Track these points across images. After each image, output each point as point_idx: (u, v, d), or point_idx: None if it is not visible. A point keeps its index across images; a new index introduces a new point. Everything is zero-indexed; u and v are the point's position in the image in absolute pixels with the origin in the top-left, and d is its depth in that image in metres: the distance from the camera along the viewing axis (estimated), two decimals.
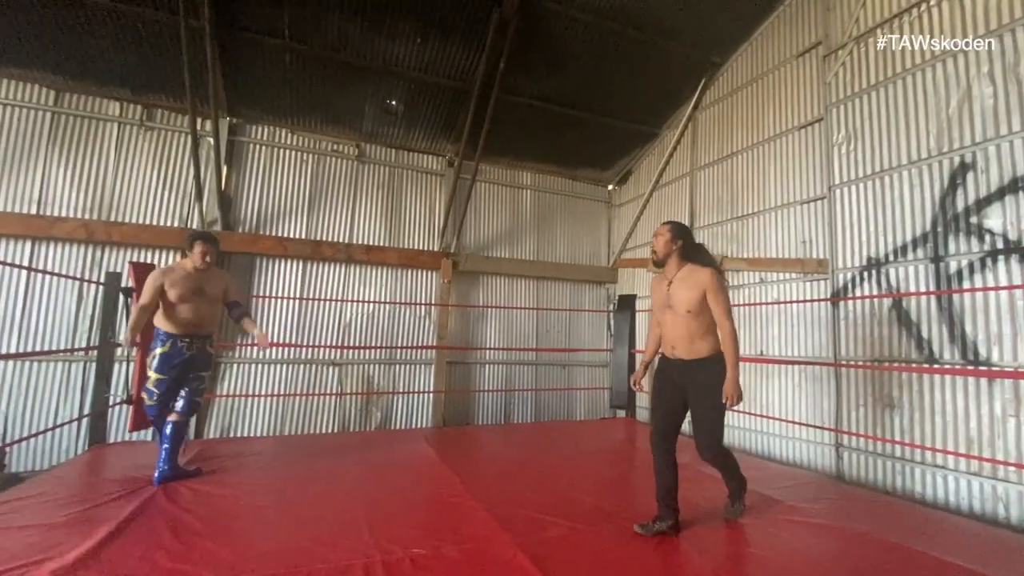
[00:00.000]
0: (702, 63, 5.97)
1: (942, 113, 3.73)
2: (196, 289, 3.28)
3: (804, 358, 4.68)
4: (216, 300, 3.45)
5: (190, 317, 3.27)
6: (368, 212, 6.48)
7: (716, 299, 2.49)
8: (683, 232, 2.70)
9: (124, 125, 5.54)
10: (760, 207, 5.32)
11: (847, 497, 3.45)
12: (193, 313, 3.28)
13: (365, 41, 5.25)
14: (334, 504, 2.90)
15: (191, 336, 3.30)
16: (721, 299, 2.49)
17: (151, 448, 4.17)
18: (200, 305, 3.31)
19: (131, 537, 2.33)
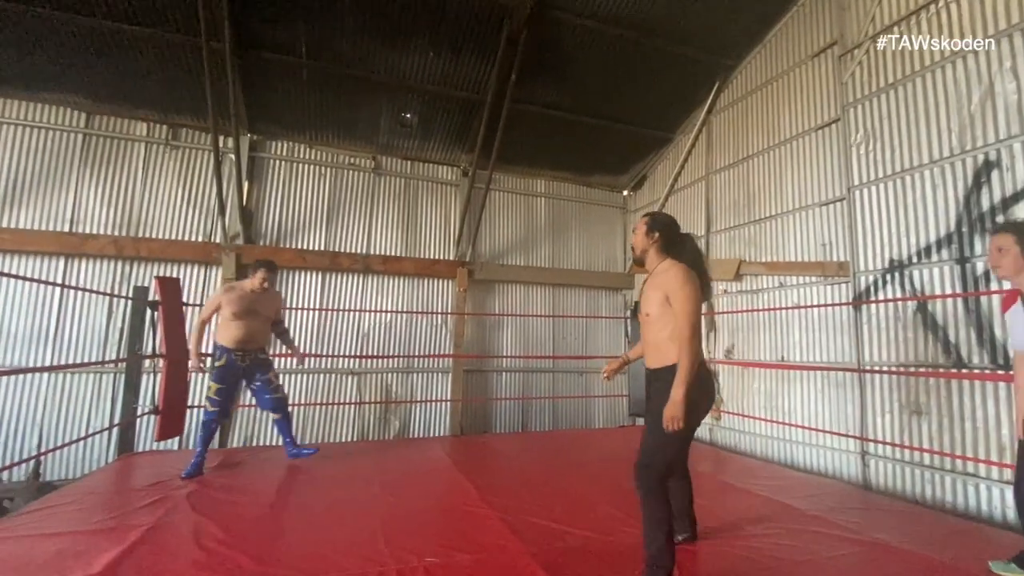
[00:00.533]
0: (715, 66, 5.93)
1: (964, 110, 3.64)
2: (251, 309, 3.73)
3: (826, 363, 4.57)
4: (268, 319, 3.91)
5: (242, 334, 3.72)
6: (385, 223, 6.58)
7: (675, 299, 2.09)
8: (661, 224, 2.30)
9: (151, 145, 5.75)
10: (778, 210, 5.24)
11: (873, 506, 3.35)
12: (245, 330, 3.73)
13: (379, 57, 5.37)
14: (352, 512, 2.94)
15: (243, 351, 3.76)
16: (681, 299, 2.07)
17: (177, 456, 4.29)
18: (252, 323, 3.76)
19: (156, 544, 2.40)
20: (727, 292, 5.83)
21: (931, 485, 3.69)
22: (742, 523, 2.87)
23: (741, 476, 3.94)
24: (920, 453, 3.75)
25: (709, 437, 5.89)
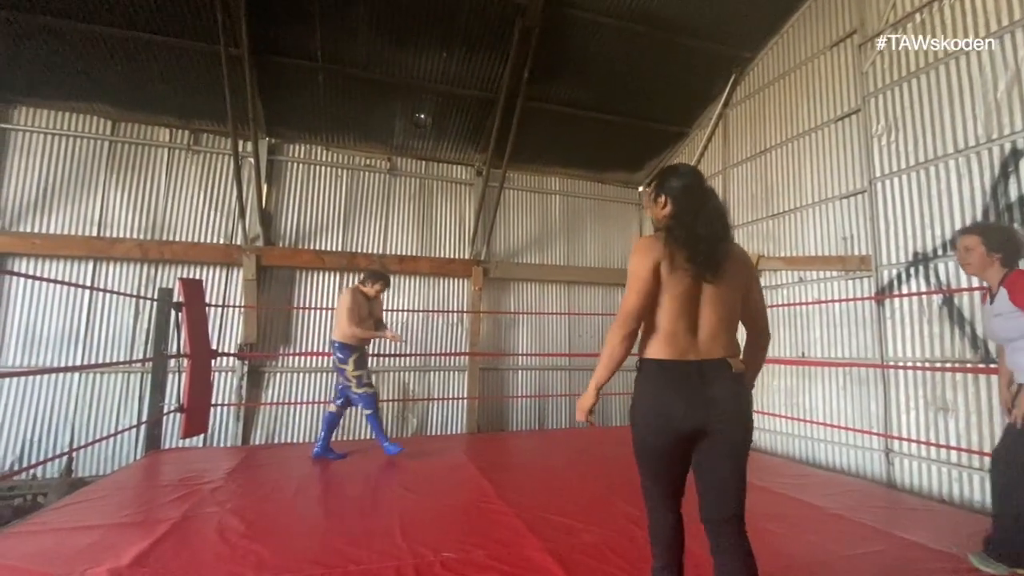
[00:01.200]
0: (731, 59, 5.85)
1: (989, 97, 3.53)
2: (370, 312, 4.23)
3: (848, 360, 4.48)
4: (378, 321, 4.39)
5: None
6: (400, 223, 6.65)
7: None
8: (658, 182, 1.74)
9: (173, 150, 5.90)
10: (797, 203, 5.15)
11: (897, 505, 3.28)
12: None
13: (393, 59, 5.42)
14: (370, 508, 2.99)
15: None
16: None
17: (201, 453, 4.41)
18: (369, 324, 4.22)
19: (183, 538, 2.47)
20: None
21: (958, 484, 3.59)
22: (760, 520, 2.82)
23: (760, 474, 3.89)
24: (947, 451, 3.65)
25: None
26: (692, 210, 1.58)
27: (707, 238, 1.53)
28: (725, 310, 1.56)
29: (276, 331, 6.01)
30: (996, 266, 2.23)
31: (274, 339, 5.99)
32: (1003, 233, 2.31)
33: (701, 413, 1.49)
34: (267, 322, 5.96)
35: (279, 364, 6.00)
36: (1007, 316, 2.15)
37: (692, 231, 1.54)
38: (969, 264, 2.30)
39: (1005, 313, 2.16)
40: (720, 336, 1.55)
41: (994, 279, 2.24)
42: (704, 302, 1.55)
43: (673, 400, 1.51)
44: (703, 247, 1.53)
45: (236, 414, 5.69)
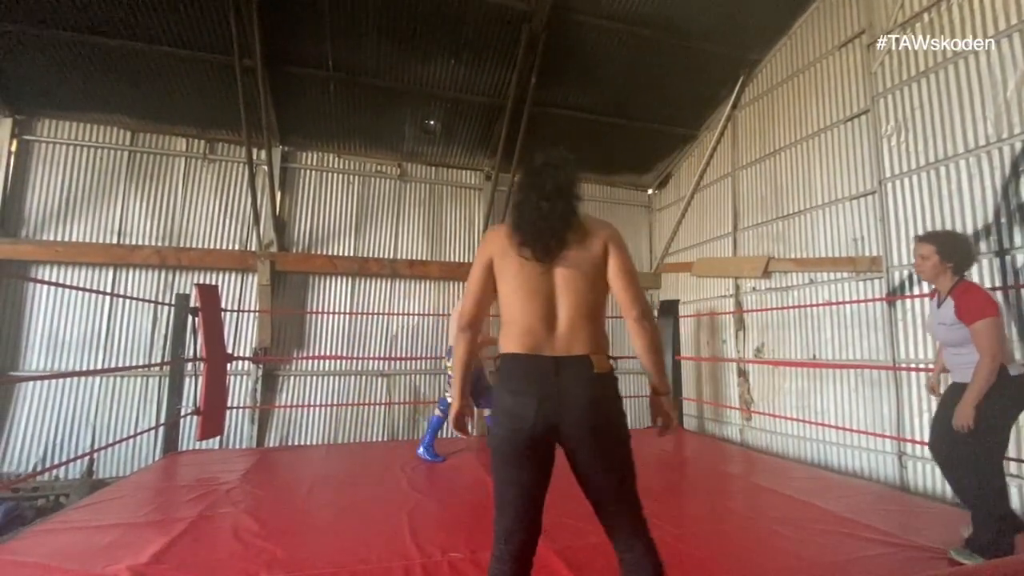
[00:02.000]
0: (739, 61, 5.84)
1: (999, 97, 3.49)
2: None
3: (860, 361, 4.44)
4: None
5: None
6: (411, 228, 6.74)
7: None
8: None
9: (190, 159, 6.05)
10: (806, 205, 5.12)
11: (910, 508, 3.25)
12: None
13: (402, 67, 5.51)
14: (380, 509, 3.03)
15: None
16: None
17: (218, 455, 4.50)
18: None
19: (199, 537, 2.54)
20: (756, 290, 5.73)
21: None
22: (771, 524, 2.83)
23: (771, 477, 3.87)
24: None
25: (740, 438, 5.79)
26: (527, 194, 1.46)
27: (536, 220, 1.40)
28: (580, 298, 1.39)
29: (290, 335, 6.12)
30: (948, 274, 2.37)
31: (288, 343, 6.09)
32: (956, 243, 2.43)
33: (554, 416, 1.33)
34: (281, 326, 6.07)
35: (293, 368, 6.10)
36: (950, 327, 2.32)
37: (523, 215, 1.43)
38: (924, 271, 2.45)
39: (948, 323, 2.33)
40: (580, 329, 1.39)
41: (945, 286, 2.39)
42: (557, 291, 1.41)
43: (526, 400, 1.35)
44: (532, 230, 1.40)
45: (251, 417, 5.80)
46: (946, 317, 2.34)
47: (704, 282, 6.61)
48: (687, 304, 6.87)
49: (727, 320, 6.13)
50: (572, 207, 1.44)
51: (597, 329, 1.43)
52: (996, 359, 2.15)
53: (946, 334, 2.37)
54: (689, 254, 6.97)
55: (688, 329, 6.68)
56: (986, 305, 2.22)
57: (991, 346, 2.16)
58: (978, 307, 2.22)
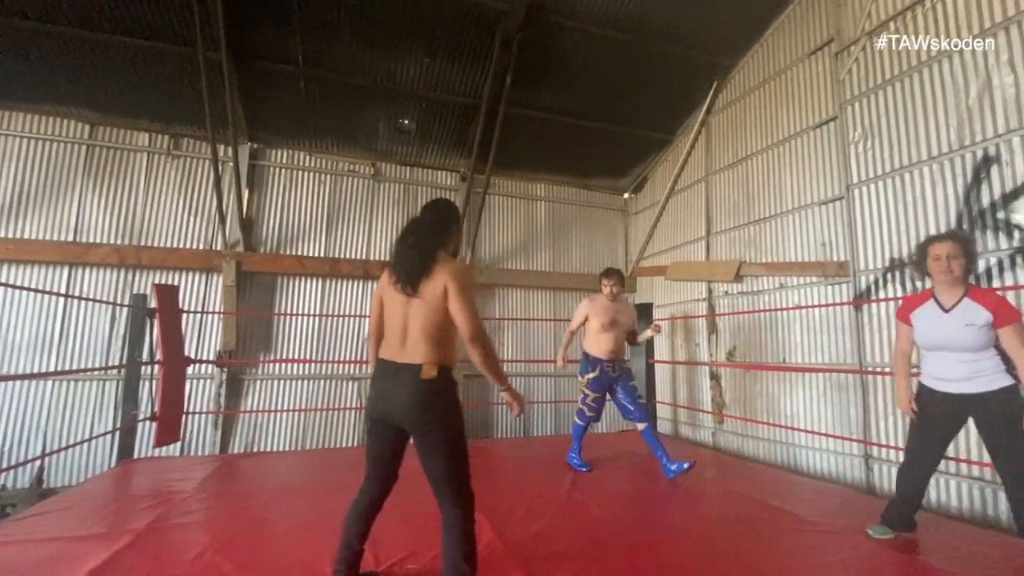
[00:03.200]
0: (713, 67, 5.90)
1: (962, 105, 3.57)
2: (614, 320, 3.82)
3: (828, 365, 4.49)
4: (627, 329, 3.93)
5: (611, 345, 3.84)
6: (384, 229, 6.61)
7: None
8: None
9: (153, 155, 5.84)
10: (777, 210, 5.18)
11: (876, 510, 3.27)
12: (613, 341, 3.84)
13: (375, 65, 5.41)
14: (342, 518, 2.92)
15: (612, 361, 3.87)
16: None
17: (176, 463, 4.32)
18: (617, 333, 3.84)
19: (144, 550, 2.40)
20: (728, 293, 5.77)
21: (936, 489, 3.59)
22: (740, 527, 2.82)
23: (742, 481, 3.87)
24: None
25: (713, 441, 5.81)
26: (400, 242, 1.94)
27: (402, 264, 1.88)
28: (426, 322, 1.83)
29: (256, 338, 5.94)
30: (963, 276, 2.34)
31: (254, 346, 5.91)
32: (971, 243, 2.40)
33: (383, 406, 1.88)
34: (247, 329, 5.88)
35: (259, 371, 5.92)
36: (979, 329, 2.23)
37: (396, 259, 1.92)
38: (953, 271, 2.31)
39: (979, 325, 2.23)
40: (420, 344, 1.83)
41: (957, 291, 2.34)
42: (409, 316, 1.85)
43: (373, 391, 1.92)
44: (398, 269, 1.88)
45: (214, 422, 5.60)
46: (973, 318, 2.24)
47: (678, 285, 6.65)
48: (661, 307, 6.90)
49: (700, 323, 6.16)
50: (428, 255, 1.87)
51: (435, 346, 1.85)
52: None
53: (973, 338, 2.25)
54: (663, 258, 7.00)
55: (663, 332, 6.70)
56: (1013, 307, 2.25)
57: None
58: (1010, 308, 2.22)
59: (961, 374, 2.31)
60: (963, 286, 2.33)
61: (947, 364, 2.35)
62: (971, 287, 2.34)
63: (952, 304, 2.33)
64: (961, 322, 2.28)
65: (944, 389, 2.38)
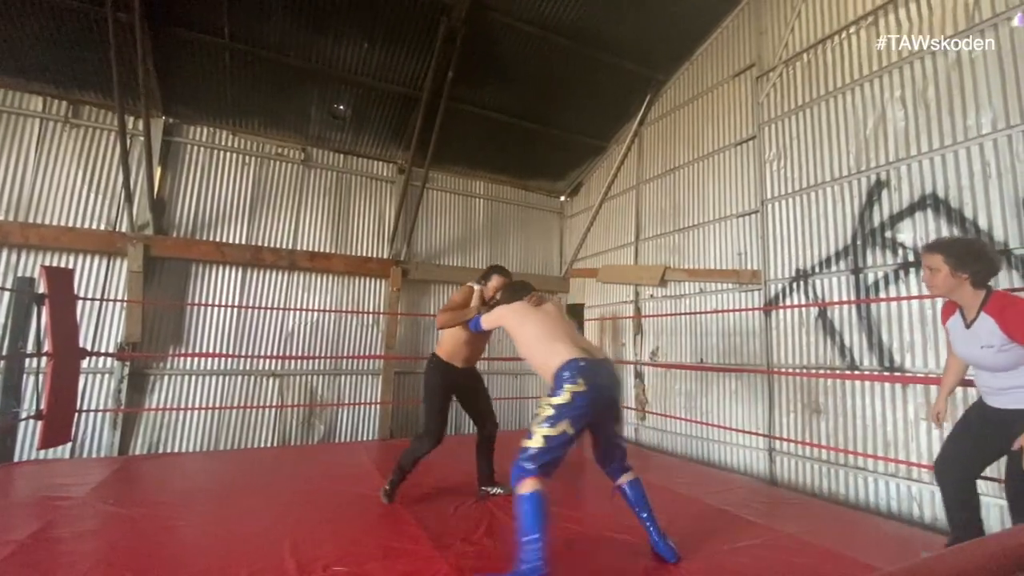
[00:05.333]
0: (647, 80, 6.16)
1: (860, 134, 3.98)
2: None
3: (740, 365, 4.84)
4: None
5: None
6: (313, 218, 6.31)
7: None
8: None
9: (47, 121, 5.20)
10: (700, 220, 5.50)
11: (777, 500, 3.58)
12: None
13: (309, 44, 5.15)
14: (259, 522, 2.76)
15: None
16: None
17: (66, 466, 3.89)
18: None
19: (26, 563, 2.14)
20: (653, 297, 6.06)
21: (827, 479, 3.98)
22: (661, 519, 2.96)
23: (660, 473, 4.09)
24: (818, 449, 4.04)
25: (635, 437, 6.08)
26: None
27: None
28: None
29: (165, 329, 5.47)
30: (967, 287, 2.04)
31: (163, 338, 5.44)
32: (970, 249, 2.06)
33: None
34: (155, 319, 5.40)
35: (167, 366, 5.46)
36: (999, 349, 1.97)
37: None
38: (935, 285, 2.09)
39: (996, 346, 1.97)
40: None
41: (969, 301, 2.06)
42: None
43: None
44: None
45: (113, 421, 5.09)
46: (991, 338, 1.97)
47: (608, 287, 6.89)
48: (592, 308, 7.12)
49: (627, 324, 6.42)
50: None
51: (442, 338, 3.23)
52: None
53: (994, 358, 1.99)
54: (596, 260, 7.22)
55: (593, 331, 6.92)
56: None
57: None
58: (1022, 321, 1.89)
59: (999, 385, 2.04)
60: (976, 297, 2.04)
61: (983, 376, 2.11)
62: (993, 295, 2.03)
63: (972, 318, 2.06)
64: (978, 343, 2.04)
65: (989, 403, 2.12)
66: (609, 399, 2.30)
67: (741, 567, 2.36)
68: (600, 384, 2.21)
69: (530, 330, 2.51)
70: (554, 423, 2.11)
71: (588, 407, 2.16)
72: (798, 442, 4.18)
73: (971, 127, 3.35)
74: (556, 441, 2.11)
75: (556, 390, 2.18)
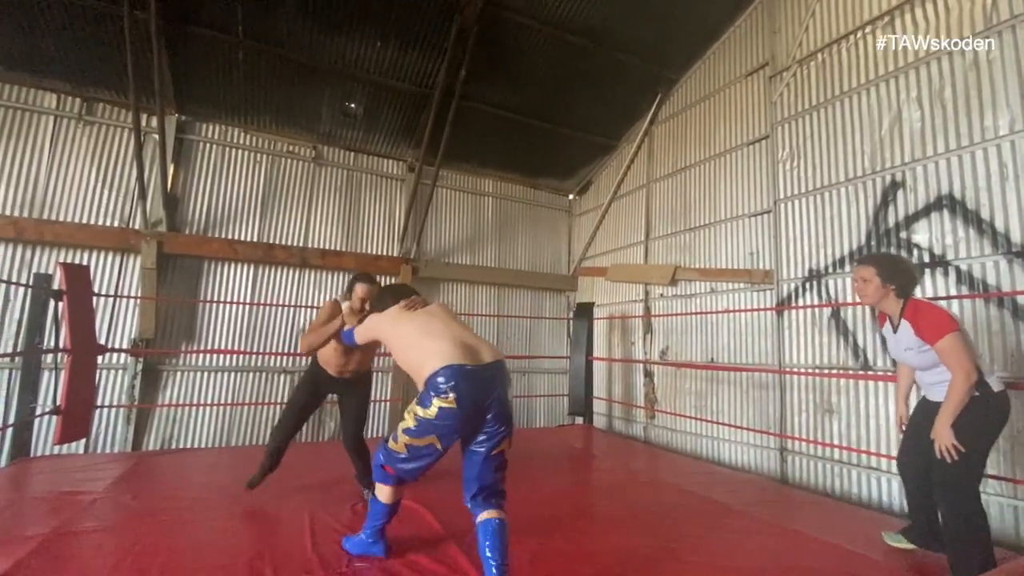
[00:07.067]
0: (658, 78, 6.15)
1: (875, 134, 3.97)
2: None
3: (751, 365, 4.85)
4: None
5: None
6: (325, 216, 6.34)
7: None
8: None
9: (61, 118, 5.23)
10: (711, 219, 5.50)
11: (788, 499, 3.58)
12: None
13: (324, 42, 5.17)
14: (278, 518, 2.79)
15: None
16: None
17: (82, 461, 3.93)
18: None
19: (52, 558, 2.17)
20: (663, 296, 6.06)
21: (839, 479, 3.99)
22: (667, 516, 2.98)
23: (671, 472, 4.11)
24: (831, 449, 4.05)
25: (645, 435, 6.09)
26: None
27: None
28: None
29: (178, 326, 5.51)
30: (892, 296, 2.30)
31: (175, 335, 5.48)
32: (897, 264, 2.36)
33: None
34: (168, 316, 5.44)
35: (180, 362, 5.49)
36: (918, 351, 2.23)
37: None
38: (866, 294, 2.34)
39: (915, 348, 2.23)
40: None
41: (893, 309, 2.32)
42: None
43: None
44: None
45: (126, 417, 5.13)
46: (910, 342, 2.25)
47: (617, 286, 6.90)
48: (601, 307, 7.12)
49: (636, 323, 6.43)
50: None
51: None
52: (970, 374, 2.05)
53: (916, 359, 2.28)
54: (605, 259, 7.23)
55: (602, 331, 6.93)
56: (943, 321, 2.14)
57: (961, 362, 2.07)
58: (936, 325, 2.14)
59: (928, 381, 2.32)
60: (898, 306, 2.30)
61: (918, 374, 2.40)
62: (909, 303, 2.28)
63: (896, 324, 2.33)
64: (903, 346, 2.30)
65: (928, 397, 2.39)
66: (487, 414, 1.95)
67: (753, 564, 2.38)
68: (477, 399, 1.90)
69: (403, 330, 2.17)
70: (419, 435, 1.94)
71: (458, 425, 1.91)
72: (810, 441, 4.19)
73: (988, 128, 3.34)
74: (421, 452, 1.95)
75: (424, 399, 1.93)
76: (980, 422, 2.10)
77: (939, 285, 3.50)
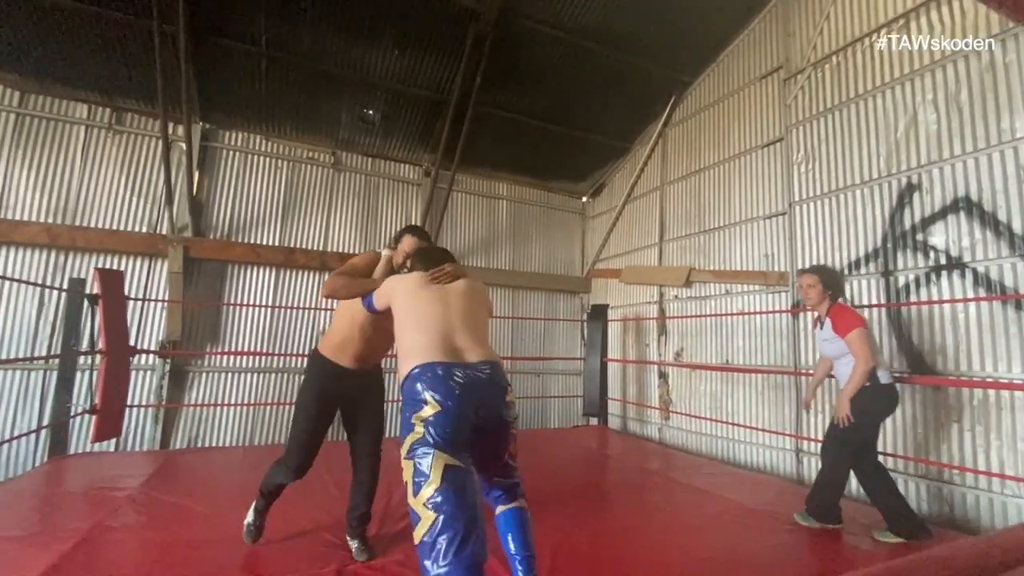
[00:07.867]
0: (672, 82, 6.19)
1: (891, 136, 3.98)
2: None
3: (767, 367, 4.86)
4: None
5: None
6: (343, 220, 6.47)
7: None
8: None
9: (92, 128, 5.43)
10: (726, 221, 5.53)
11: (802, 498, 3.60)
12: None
13: (343, 51, 5.29)
14: (306, 514, 2.90)
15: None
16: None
17: (114, 458, 4.09)
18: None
19: (95, 552, 2.29)
20: (678, 297, 6.09)
21: (855, 479, 3.98)
22: (684, 516, 3.03)
23: (686, 473, 4.15)
24: None
25: (659, 436, 6.13)
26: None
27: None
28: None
29: (203, 328, 5.67)
30: (827, 300, 2.91)
31: (201, 337, 5.64)
32: (833, 274, 3.01)
33: None
34: (193, 318, 5.61)
35: (205, 363, 5.66)
36: (832, 342, 2.84)
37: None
38: (810, 298, 2.94)
39: (830, 339, 2.84)
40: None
41: (824, 311, 2.91)
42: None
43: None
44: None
45: (155, 416, 5.30)
46: (828, 335, 2.86)
47: (631, 288, 6.94)
48: (615, 309, 7.17)
49: (651, 325, 6.47)
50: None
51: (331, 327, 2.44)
52: (868, 363, 2.66)
53: (829, 348, 2.89)
54: (618, 261, 7.27)
55: (617, 332, 6.97)
56: (855, 320, 2.76)
57: (863, 351, 2.67)
58: (849, 322, 2.75)
59: (839, 374, 2.92)
60: (827, 307, 2.89)
61: (838, 368, 2.93)
62: (836, 306, 2.88)
63: (822, 322, 2.92)
64: (822, 338, 2.94)
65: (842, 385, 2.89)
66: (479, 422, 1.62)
67: (775, 564, 2.42)
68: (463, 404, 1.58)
69: (410, 308, 1.82)
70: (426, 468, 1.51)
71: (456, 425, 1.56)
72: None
73: (1005, 130, 3.34)
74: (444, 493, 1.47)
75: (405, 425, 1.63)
76: (867, 404, 2.70)
77: (956, 287, 3.50)
